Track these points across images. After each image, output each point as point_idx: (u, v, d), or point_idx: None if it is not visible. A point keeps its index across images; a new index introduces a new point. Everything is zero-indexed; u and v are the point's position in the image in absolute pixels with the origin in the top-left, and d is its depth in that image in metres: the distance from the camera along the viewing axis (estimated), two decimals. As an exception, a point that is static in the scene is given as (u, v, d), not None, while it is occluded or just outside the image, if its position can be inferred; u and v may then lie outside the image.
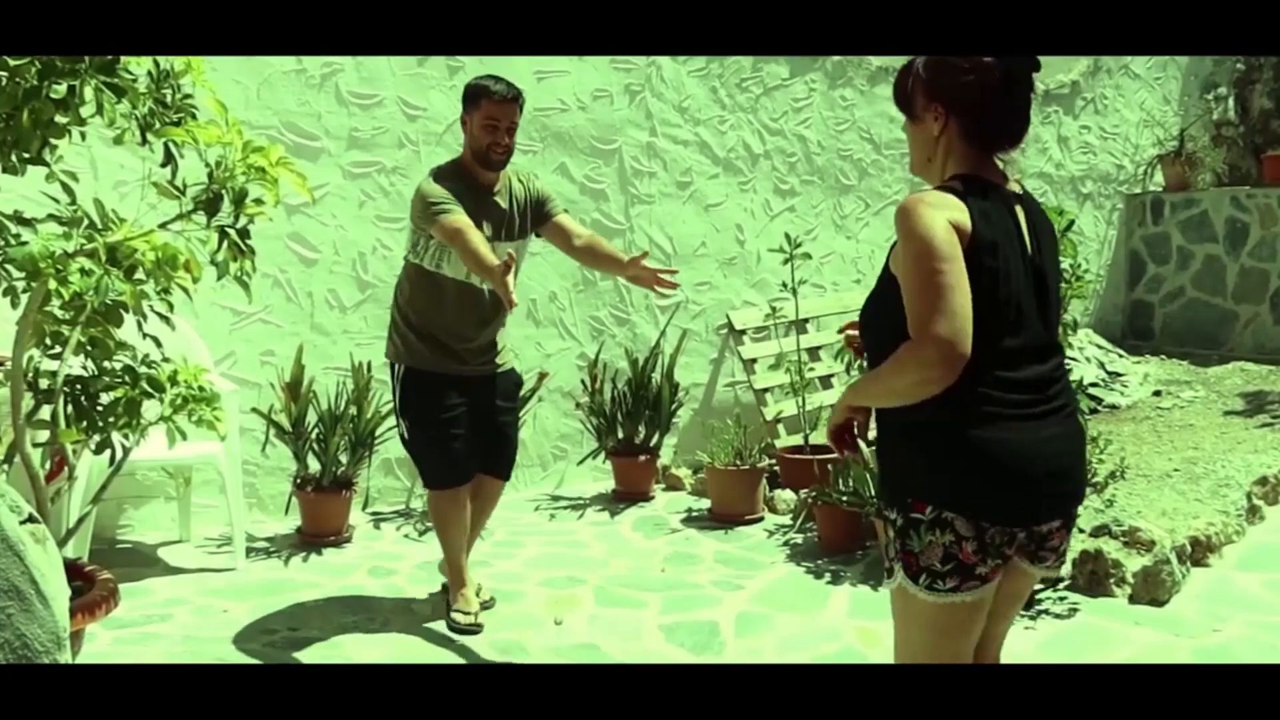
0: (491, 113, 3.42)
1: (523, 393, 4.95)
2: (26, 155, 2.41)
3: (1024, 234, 1.99)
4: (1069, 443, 2.03)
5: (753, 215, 6.05)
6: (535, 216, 3.61)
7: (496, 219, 3.49)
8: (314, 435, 4.46)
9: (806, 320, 5.77)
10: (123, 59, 2.39)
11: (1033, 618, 3.61)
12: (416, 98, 5.00)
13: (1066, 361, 2.19)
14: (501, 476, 3.78)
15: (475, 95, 3.46)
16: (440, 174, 3.48)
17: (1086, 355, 6.78)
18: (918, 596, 1.98)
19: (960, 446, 1.92)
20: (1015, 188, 2.06)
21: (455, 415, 3.53)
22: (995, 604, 2.06)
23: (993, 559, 1.95)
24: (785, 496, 4.91)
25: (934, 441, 1.94)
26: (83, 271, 2.40)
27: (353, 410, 4.50)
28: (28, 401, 2.59)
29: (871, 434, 2.14)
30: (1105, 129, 7.79)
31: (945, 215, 1.88)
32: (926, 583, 1.96)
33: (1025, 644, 3.41)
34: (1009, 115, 2.01)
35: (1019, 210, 2.01)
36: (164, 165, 2.58)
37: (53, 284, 2.38)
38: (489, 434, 3.64)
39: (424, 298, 3.53)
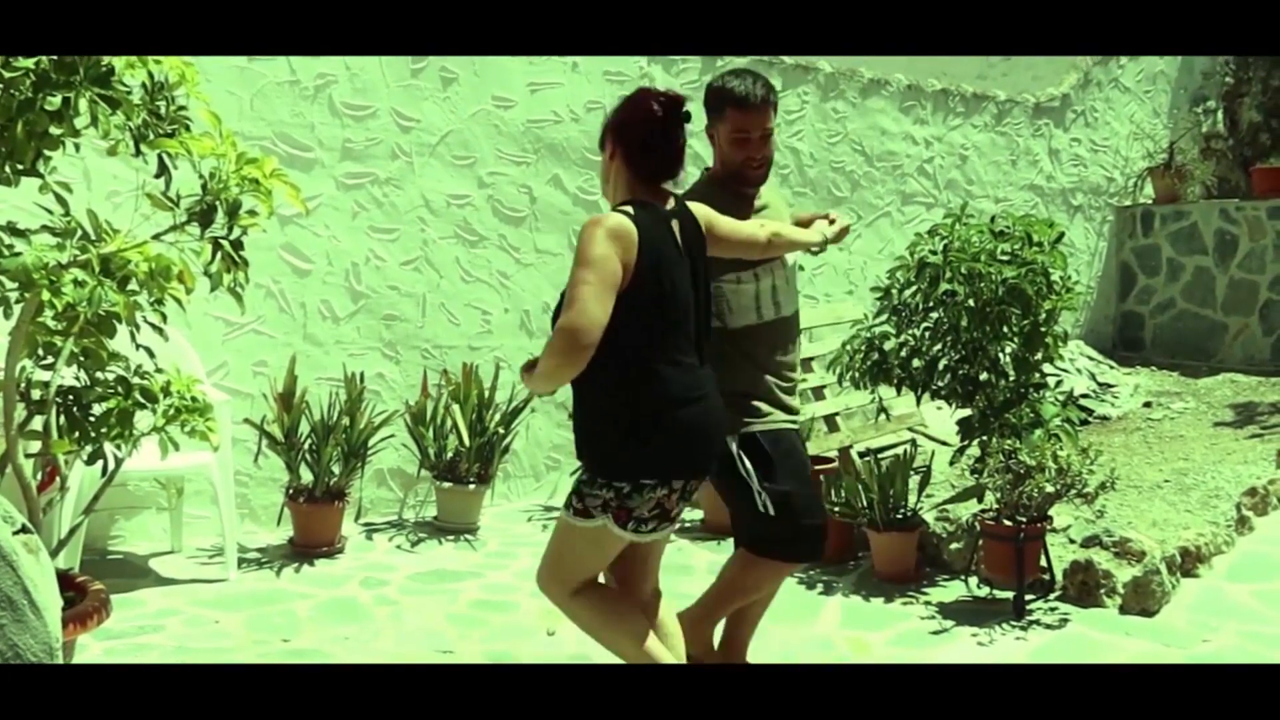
0: (740, 123, 2.83)
1: (514, 404, 4.98)
2: (20, 166, 2.41)
3: (678, 240, 2.47)
4: (722, 411, 2.57)
5: (745, 227, 6.06)
6: None
7: None
8: (306, 446, 4.45)
9: (799, 332, 5.77)
10: (117, 71, 2.40)
11: (1024, 628, 3.62)
12: (410, 109, 5.01)
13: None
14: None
15: (718, 102, 2.86)
16: (692, 192, 2.83)
17: (1077, 366, 6.81)
18: (613, 533, 2.41)
19: (679, 425, 2.40)
20: (672, 205, 2.52)
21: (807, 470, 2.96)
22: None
23: (683, 502, 2.49)
24: (777, 507, 4.91)
25: (659, 425, 2.38)
26: (76, 282, 2.40)
27: (345, 421, 4.50)
28: (20, 412, 2.59)
29: None
30: (1095, 142, 7.84)
31: (613, 232, 2.32)
32: (633, 528, 2.42)
33: (1016, 653, 3.42)
34: (665, 152, 2.47)
35: (674, 223, 2.48)
36: (158, 176, 2.58)
37: (46, 295, 2.38)
38: None
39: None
